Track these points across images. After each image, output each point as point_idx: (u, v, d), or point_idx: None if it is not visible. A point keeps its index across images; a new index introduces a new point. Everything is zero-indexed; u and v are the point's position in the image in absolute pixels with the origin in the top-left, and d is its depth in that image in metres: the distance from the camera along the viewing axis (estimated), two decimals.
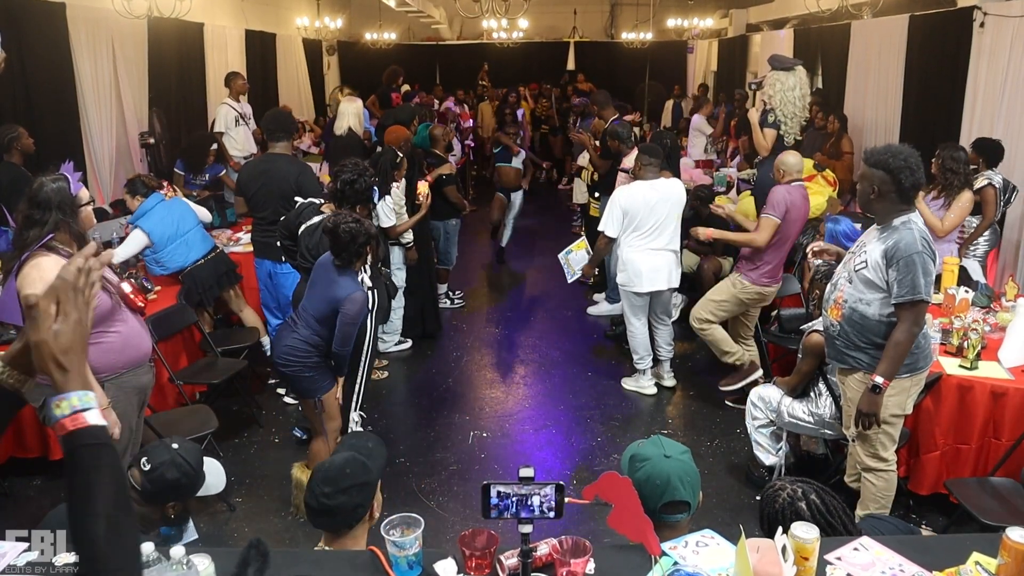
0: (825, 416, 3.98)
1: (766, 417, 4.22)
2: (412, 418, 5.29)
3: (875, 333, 3.34)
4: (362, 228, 3.74)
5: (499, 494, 1.82)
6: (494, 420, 5.24)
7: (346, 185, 4.30)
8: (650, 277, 5.32)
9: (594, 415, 5.30)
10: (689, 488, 2.16)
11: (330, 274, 3.80)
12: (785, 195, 4.82)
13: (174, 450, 2.42)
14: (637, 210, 5.22)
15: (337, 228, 3.69)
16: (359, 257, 3.79)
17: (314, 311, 3.80)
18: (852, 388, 3.48)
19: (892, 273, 3.21)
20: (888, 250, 3.21)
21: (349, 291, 3.69)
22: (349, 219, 3.73)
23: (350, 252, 3.73)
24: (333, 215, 3.81)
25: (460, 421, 5.22)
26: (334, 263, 3.78)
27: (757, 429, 4.27)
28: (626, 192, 5.27)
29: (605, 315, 7.20)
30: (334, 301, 3.71)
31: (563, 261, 6.00)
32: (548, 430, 5.11)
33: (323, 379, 3.86)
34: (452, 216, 7.09)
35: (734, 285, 5.03)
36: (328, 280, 3.79)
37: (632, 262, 5.32)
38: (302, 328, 3.81)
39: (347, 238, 3.69)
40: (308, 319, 3.81)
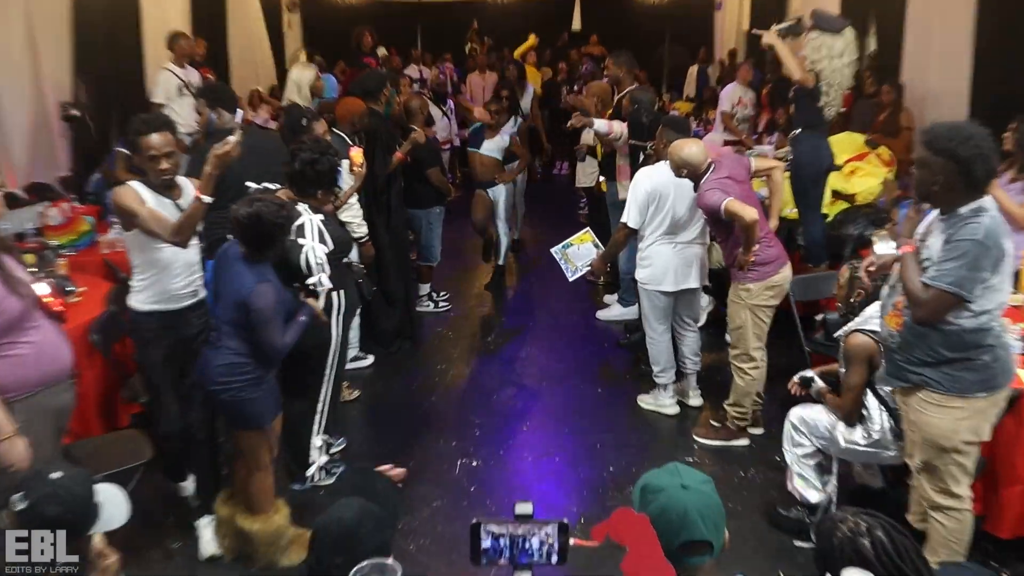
0: (883, 433, 3.94)
1: (812, 446, 4.17)
2: (387, 444, 5.25)
3: (945, 345, 3.30)
4: (282, 216, 3.72)
5: (492, 535, 1.82)
6: (486, 446, 5.21)
7: (306, 166, 4.26)
8: (678, 274, 5.32)
9: (605, 440, 5.28)
10: (711, 525, 2.14)
11: (235, 267, 3.75)
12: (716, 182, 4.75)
13: (53, 481, 2.37)
14: (665, 196, 5.20)
15: (260, 216, 3.64)
16: (271, 247, 3.77)
17: (226, 318, 3.75)
18: (916, 410, 3.44)
19: (941, 253, 3.20)
20: (946, 239, 3.21)
21: (250, 286, 3.65)
22: (276, 207, 3.71)
23: (266, 246, 3.71)
24: (255, 197, 3.76)
25: (445, 447, 5.19)
26: (241, 253, 3.74)
27: (800, 459, 4.22)
28: (651, 175, 5.25)
29: (617, 320, 7.18)
30: (239, 300, 3.67)
31: (559, 256, 6.00)
32: (550, 458, 5.08)
33: (266, 398, 3.82)
34: (435, 203, 7.08)
35: (740, 299, 4.97)
36: (231, 275, 3.75)
37: (657, 256, 5.31)
38: (227, 340, 3.75)
39: (269, 230, 3.66)
40: (226, 329, 3.76)
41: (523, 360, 6.55)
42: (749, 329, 4.93)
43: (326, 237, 4.28)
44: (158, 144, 3.80)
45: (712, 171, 4.84)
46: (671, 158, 4.93)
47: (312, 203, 4.33)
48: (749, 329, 4.93)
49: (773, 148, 8.88)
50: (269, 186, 4.52)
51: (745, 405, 5.09)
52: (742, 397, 5.07)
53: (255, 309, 3.63)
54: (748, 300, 4.91)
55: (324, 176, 4.32)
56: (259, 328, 3.64)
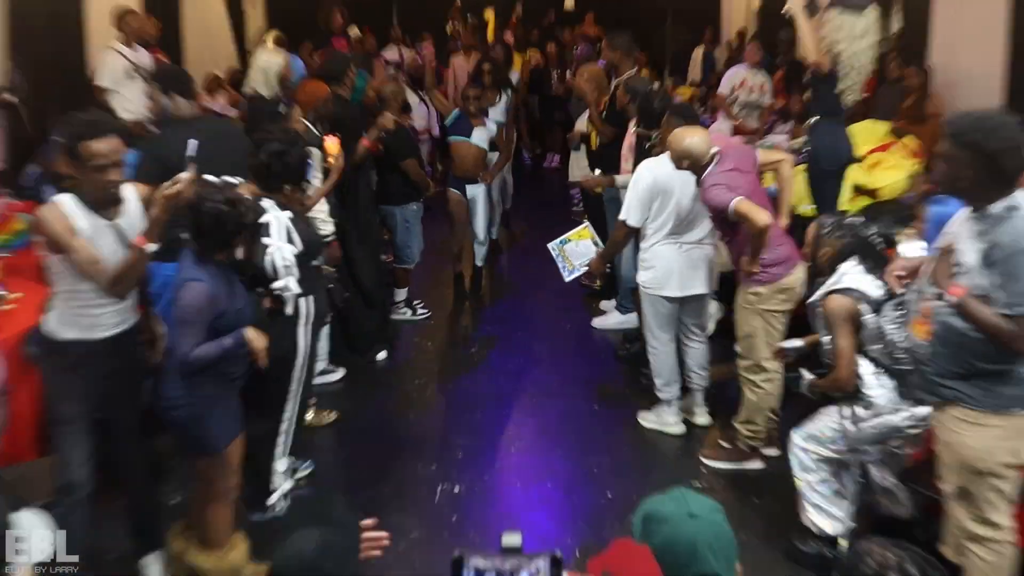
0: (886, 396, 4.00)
1: (824, 469, 4.17)
2: (359, 468, 5.24)
3: (979, 355, 3.29)
4: (233, 211, 3.71)
5: (475, 570, 1.81)
6: (469, 470, 5.21)
7: (274, 158, 4.26)
8: (683, 277, 5.32)
9: (602, 463, 5.28)
10: (721, 558, 2.15)
11: (180, 263, 3.78)
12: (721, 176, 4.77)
13: None
14: (670, 191, 5.20)
15: (200, 206, 3.65)
16: (223, 248, 3.76)
17: (170, 319, 3.77)
18: (949, 429, 3.44)
19: (994, 277, 3.18)
20: (987, 250, 3.19)
21: (182, 279, 3.66)
22: (219, 197, 3.71)
23: (210, 240, 3.71)
24: (200, 186, 3.76)
25: (424, 472, 5.19)
26: (191, 248, 3.77)
27: (814, 487, 4.22)
28: (654, 167, 5.25)
29: (615, 329, 7.20)
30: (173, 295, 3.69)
31: (555, 252, 6.03)
32: (541, 483, 5.08)
33: (226, 421, 3.79)
34: (412, 199, 7.08)
35: (750, 303, 4.95)
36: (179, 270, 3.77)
37: (660, 258, 5.31)
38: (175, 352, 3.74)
39: (209, 221, 3.67)
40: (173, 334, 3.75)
41: (510, 374, 6.55)
42: (760, 337, 4.92)
43: (294, 237, 4.27)
44: (105, 152, 3.49)
45: (716, 163, 4.83)
46: (671, 148, 4.92)
47: (279, 199, 4.33)
48: (760, 337, 4.92)
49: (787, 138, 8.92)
50: (230, 180, 4.49)
51: (758, 422, 5.08)
52: (754, 413, 5.06)
53: (176, 304, 3.63)
54: (758, 305, 4.91)
55: (293, 169, 4.31)
56: (175, 326, 3.64)
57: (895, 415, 3.99)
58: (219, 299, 3.68)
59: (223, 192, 3.75)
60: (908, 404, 3.96)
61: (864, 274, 4.10)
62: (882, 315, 4.02)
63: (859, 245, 4.18)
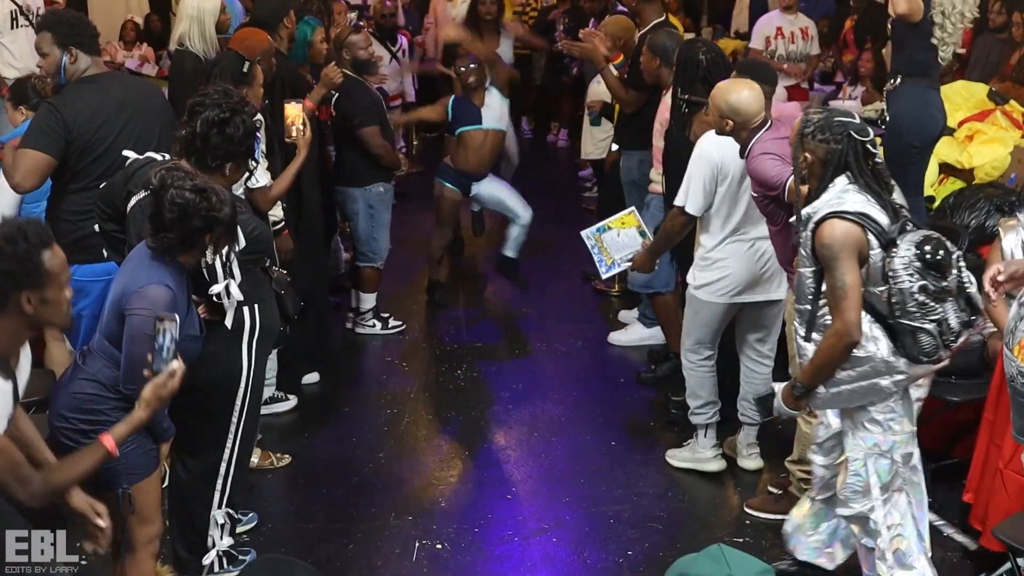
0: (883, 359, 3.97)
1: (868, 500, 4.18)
2: (315, 520, 5.27)
3: None
4: (205, 202, 3.72)
5: None
6: (454, 522, 5.23)
7: (210, 128, 4.26)
8: (758, 280, 5.33)
9: (621, 513, 5.31)
10: None
11: (133, 261, 3.82)
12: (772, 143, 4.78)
13: None
14: (738, 174, 5.21)
15: (163, 191, 3.70)
16: (189, 246, 3.80)
17: (104, 325, 3.81)
18: None
19: None
20: None
21: (140, 284, 3.69)
22: (187, 182, 3.73)
23: (175, 235, 3.74)
24: (164, 169, 3.80)
25: (398, 524, 5.21)
26: (148, 245, 3.80)
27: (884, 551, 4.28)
28: (721, 143, 5.17)
29: (637, 345, 7.26)
30: (120, 299, 3.72)
31: (591, 242, 6.00)
32: (544, 537, 5.10)
33: (132, 451, 3.78)
34: (376, 179, 7.11)
35: None
36: (127, 271, 3.81)
37: (730, 259, 5.32)
38: (92, 360, 3.80)
39: (173, 212, 3.68)
40: (100, 342, 3.81)
41: (506, 402, 6.58)
42: None
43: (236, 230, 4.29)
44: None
45: (769, 128, 4.88)
46: (713, 103, 4.93)
47: (219, 181, 4.34)
48: None
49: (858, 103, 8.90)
50: (155, 156, 4.52)
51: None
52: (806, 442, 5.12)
53: (132, 310, 3.65)
54: None
55: (236, 143, 4.26)
56: (127, 340, 3.67)
57: (887, 377, 3.99)
58: (178, 314, 3.71)
59: (190, 177, 3.77)
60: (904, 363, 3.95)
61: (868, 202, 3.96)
62: (895, 254, 3.90)
63: (853, 154, 4.01)
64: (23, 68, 7.70)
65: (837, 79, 10.54)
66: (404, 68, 10.58)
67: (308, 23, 6.87)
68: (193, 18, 6.36)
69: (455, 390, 6.79)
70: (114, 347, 3.76)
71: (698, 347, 5.55)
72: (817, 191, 4.01)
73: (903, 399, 4.06)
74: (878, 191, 3.96)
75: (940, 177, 6.85)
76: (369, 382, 6.88)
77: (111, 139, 4.93)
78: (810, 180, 4.06)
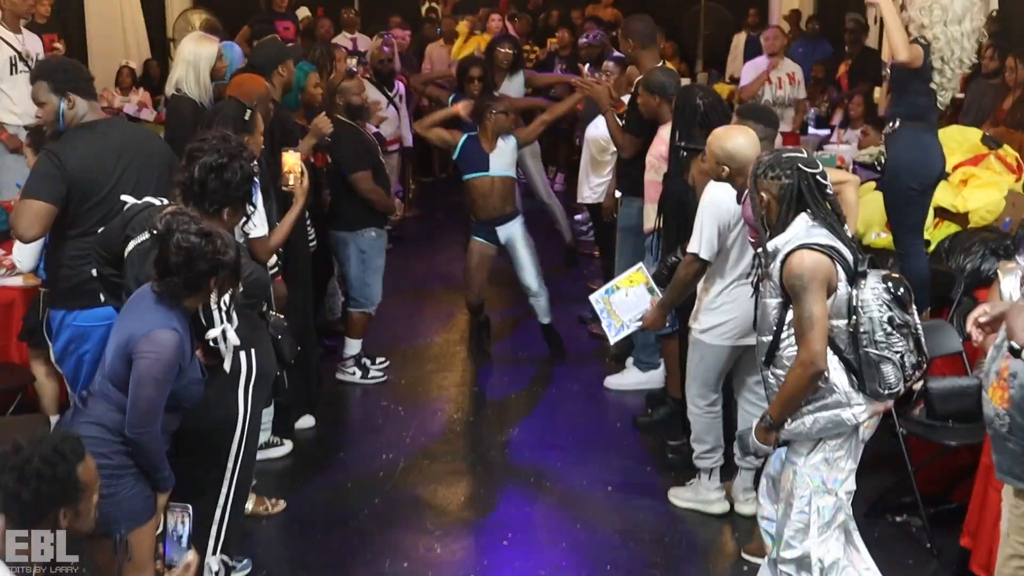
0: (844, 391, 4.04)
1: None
2: (311, 568, 5.28)
3: None
4: (210, 246, 3.76)
5: None
6: (450, 569, 5.26)
7: (209, 173, 4.28)
8: None
9: (620, 559, 5.31)
10: None
11: (139, 305, 3.84)
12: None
13: None
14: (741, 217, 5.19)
15: (169, 235, 3.73)
16: (195, 290, 3.83)
17: (109, 369, 3.83)
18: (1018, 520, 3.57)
19: None
20: None
21: (147, 328, 3.72)
22: (192, 226, 3.77)
23: (181, 279, 3.77)
24: (170, 215, 3.83)
25: (393, 571, 5.21)
26: (152, 290, 3.83)
27: None
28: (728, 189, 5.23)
29: (634, 389, 7.26)
30: (127, 343, 3.74)
31: (599, 306, 5.95)
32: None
33: (131, 496, 3.82)
34: (369, 223, 7.13)
35: None
36: (131, 315, 3.84)
37: (736, 303, 5.33)
38: (95, 404, 3.82)
39: (179, 256, 3.72)
40: (103, 385, 3.83)
41: (502, 446, 6.60)
42: None
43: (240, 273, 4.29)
44: None
45: None
46: (709, 150, 4.96)
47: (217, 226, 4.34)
48: None
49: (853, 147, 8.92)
50: (152, 201, 4.55)
51: None
52: None
53: (140, 354, 3.67)
54: None
55: (234, 188, 4.29)
56: (135, 384, 3.69)
57: (847, 409, 4.05)
58: (184, 358, 3.77)
59: (195, 221, 3.80)
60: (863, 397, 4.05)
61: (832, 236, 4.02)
62: (861, 287, 4.01)
63: (806, 186, 4.07)
64: (22, 113, 7.76)
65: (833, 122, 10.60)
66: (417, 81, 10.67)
67: (302, 68, 6.91)
68: (189, 63, 6.35)
69: (451, 435, 6.80)
70: (119, 391, 3.78)
71: (705, 391, 5.56)
72: (776, 226, 4.10)
73: (852, 435, 4.13)
74: (835, 226, 4.06)
75: (935, 221, 6.86)
76: (365, 427, 6.87)
77: (110, 185, 4.93)
78: (769, 217, 4.14)
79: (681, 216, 5.77)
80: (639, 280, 5.91)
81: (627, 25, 7.36)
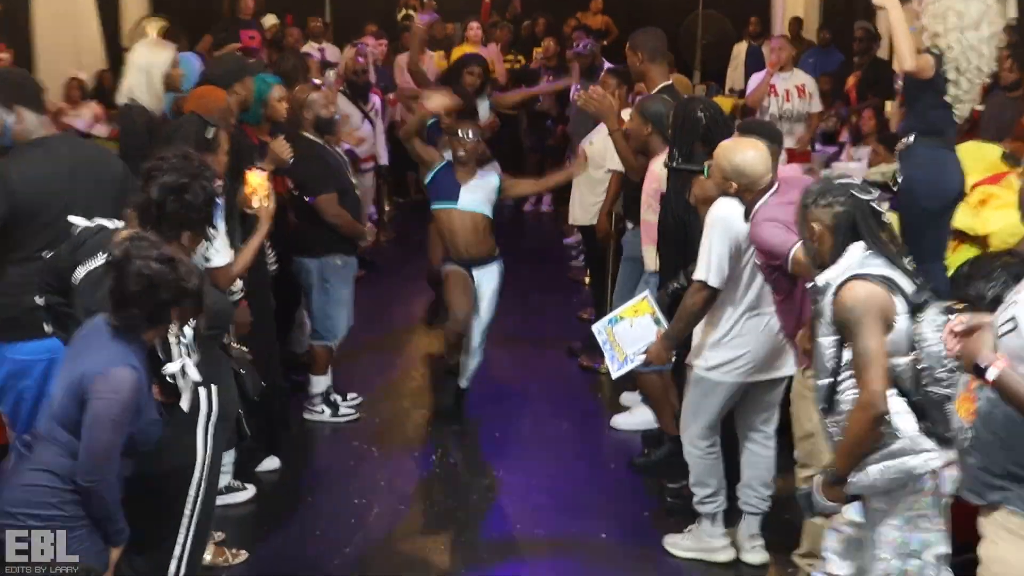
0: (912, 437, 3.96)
1: None
2: None
3: None
4: (172, 273, 3.74)
5: None
6: None
7: (168, 194, 4.27)
8: (770, 356, 5.32)
9: None
10: None
11: (93, 340, 3.80)
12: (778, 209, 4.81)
13: None
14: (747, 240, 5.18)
15: (127, 262, 3.69)
16: (156, 322, 3.80)
17: (58, 409, 3.78)
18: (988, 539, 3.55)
19: None
20: None
21: (102, 365, 3.68)
22: (153, 252, 3.74)
23: (140, 309, 3.74)
24: (128, 239, 3.80)
25: None
26: (108, 322, 3.79)
27: None
28: (737, 209, 5.18)
29: (640, 430, 7.24)
30: (80, 382, 3.69)
31: (601, 337, 5.89)
32: None
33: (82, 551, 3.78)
34: (335, 249, 7.09)
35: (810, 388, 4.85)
36: (85, 350, 3.80)
37: (746, 336, 5.30)
38: (42, 448, 3.77)
39: (139, 285, 3.69)
40: (51, 428, 3.78)
41: (485, 490, 6.56)
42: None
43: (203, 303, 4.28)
44: None
45: (774, 192, 4.91)
46: (717, 164, 4.96)
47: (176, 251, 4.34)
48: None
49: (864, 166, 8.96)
50: (105, 223, 4.52)
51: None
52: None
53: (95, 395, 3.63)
54: None
55: (195, 211, 4.30)
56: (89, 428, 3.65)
57: (915, 456, 3.99)
58: (143, 398, 3.73)
59: (156, 246, 3.78)
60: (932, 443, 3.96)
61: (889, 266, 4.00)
62: (919, 320, 3.97)
63: (861, 214, 4.05)
64: None
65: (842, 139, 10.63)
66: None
67: (264, 80, 6.86)
68: (141, 69, 6.32)
69: (430, 478, 6.76)
70: (69, 433, 3.73)
71: (707, 432, 5.50)
72: (831, 258, 4.04)
73: (933, 488, 4.02)
74: (893, 256, 4.02)
75: (953, 244, 6.86)
76: (335, 469, 6.81)
77: (59, 205, 4.87)
78: (821, 249, 4.09)
79: (682, 239, 5.71)
80: (645, 310, 5.81)
81: (635, 37, 7.31)
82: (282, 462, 6.66)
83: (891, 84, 8.66)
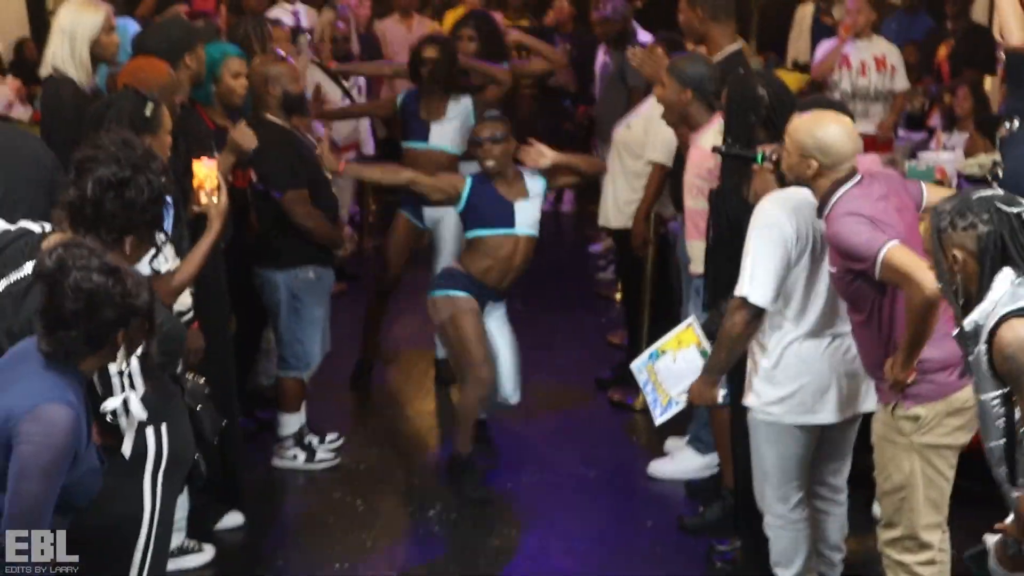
0: None
1: None
2: None
3: None
4: (118, 287, 3.73)
5: None
6: None
7: (106, 191, 4.28)
8: (843, 392, 5.27)
9: None
10: None
11: (19, 370, 3.79)
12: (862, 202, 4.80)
13: None
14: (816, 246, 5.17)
15: (63, 275, 3.69)
16: (97, 347, 3.80)
17: None
18: None
19: None
20: None
21: (31, 401, 3.66)
22: (93, 261, 3.73)
23: (80, 332, 3.73)
24: (63, 246, 3.80)
25: None
26: (39, 348, 3.77)
27: None
28: (793, 202, 5.19)
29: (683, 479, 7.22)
30: (6, 422, 3.67)
31: (642, 377, 5.85)
32: None
33: None
34: (307, 260, 7.09)
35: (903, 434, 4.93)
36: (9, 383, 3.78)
37: (804, 362, 5.24)
38: None
39: (77, 303, 3.68)
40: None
41: (496, 554, 6.56)
42: (919, 491, 4.93)
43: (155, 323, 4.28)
44: None
45: (857, 183, 4.87)
46: (793, 140, 4.86)
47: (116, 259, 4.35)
48: (919, 491, 4.93)
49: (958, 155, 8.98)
50: (30, 226, 4.53)
51: None
52: None
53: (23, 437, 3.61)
54: (916, 438, 4.91)
55: (139, 211, 4.29)
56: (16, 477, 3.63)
57: None
58: (80, 441, 3.72)
59: (96, 254, 3.75)
60: None
61: None
62: None
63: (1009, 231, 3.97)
64: None
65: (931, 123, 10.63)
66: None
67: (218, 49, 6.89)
68: (65, 33, 6.29)
69: (426, 538, 6.75)
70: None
71: (787, 491, 5.40)
72: (979, 292, 3.96)
73: None
74: None
75: None
76: (310, 526, 6.83)
77: None
78: (967, 283, 4.02)
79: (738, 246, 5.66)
80: (690, 340, 5.77)
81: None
82: (246, 518, 6.65)
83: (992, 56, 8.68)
